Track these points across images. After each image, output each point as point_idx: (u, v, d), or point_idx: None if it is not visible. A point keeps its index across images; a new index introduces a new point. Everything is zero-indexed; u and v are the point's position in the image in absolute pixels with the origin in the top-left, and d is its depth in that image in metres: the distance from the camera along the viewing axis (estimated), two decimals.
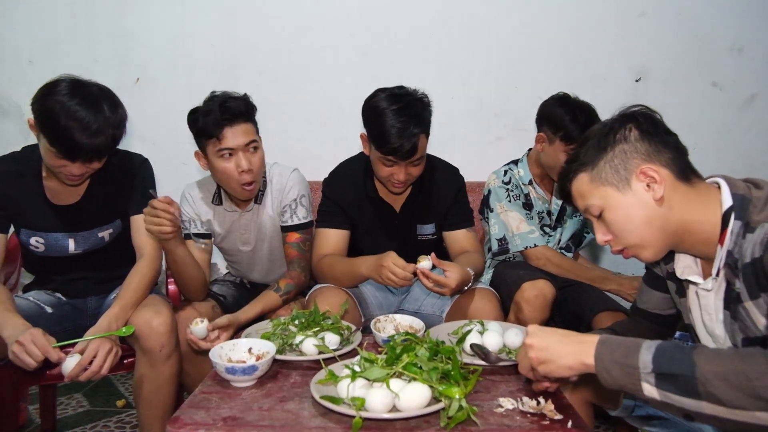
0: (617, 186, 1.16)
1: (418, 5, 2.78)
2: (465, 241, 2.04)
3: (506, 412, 1.20)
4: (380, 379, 1.19)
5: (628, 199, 1.15)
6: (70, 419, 2.38)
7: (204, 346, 1.61)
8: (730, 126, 2.88)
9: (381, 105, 1.81)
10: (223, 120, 1.80)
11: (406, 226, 2.05)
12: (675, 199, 1.13)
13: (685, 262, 1.23)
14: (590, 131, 1.25)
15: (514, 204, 2.20)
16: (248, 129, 1.86)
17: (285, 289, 1.93)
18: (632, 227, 1.15)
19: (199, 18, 2.79)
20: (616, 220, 1.17)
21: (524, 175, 2.26)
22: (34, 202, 1.80)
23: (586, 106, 2.07)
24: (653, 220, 1.14)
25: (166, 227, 1.64)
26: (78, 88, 1.62)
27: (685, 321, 1.30)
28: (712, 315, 1.17)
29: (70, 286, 1.93)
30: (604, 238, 1.22)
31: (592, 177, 1.19)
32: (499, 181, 2.23)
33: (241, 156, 1.84)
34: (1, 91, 2.85)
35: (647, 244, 1.16)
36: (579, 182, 1.22)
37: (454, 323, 1.67)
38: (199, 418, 1.19)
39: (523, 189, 2.25)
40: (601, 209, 1.18)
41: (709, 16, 2.80)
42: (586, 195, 1.21)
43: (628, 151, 1.15)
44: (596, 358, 1.05)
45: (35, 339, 1.47)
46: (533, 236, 2.16)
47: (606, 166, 1.17)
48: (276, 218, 2.07)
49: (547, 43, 2.80)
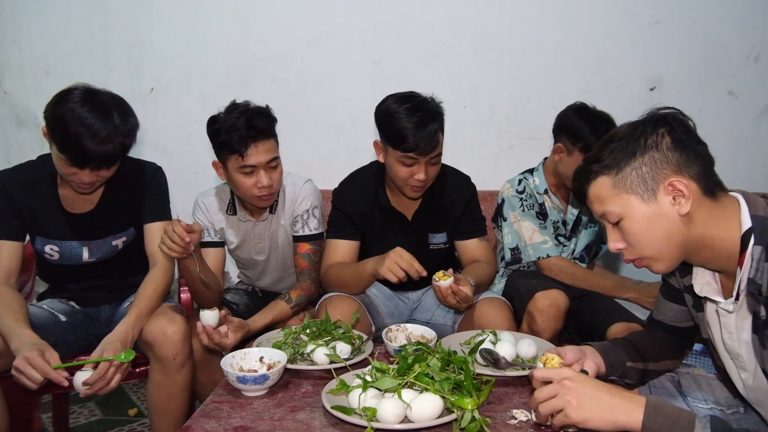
0: (642, 196, 1.09)
1: (429, 14, 2.79)
2: (477, 251, 2.03)
3: (519, 424, 1.19)
4: (392, 389, 1.18)
5: (652, 210, 1.09)
6: (83, 428, 2.39)
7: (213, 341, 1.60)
8: (746, 135, 2.85)
9: (392, 107, 1.81)
10: (248, 137, 1.80)
11: (418, 236, 2.04)
12: (699, 214, 1.08)
13: (704, 278, 1.18)
14: (616, 131, 1.17)
15: (527, 214, 2.19)
16: (271, 146, 1.86)
17: (296, 300, 1.92)
18: (651, 240, 1.10)
19: (212, 28, 2.82)
20: (634, 231, 1.11)
21: (539, 184, 2.24)
22: (49, 210, 1.82)
23: (605, 116, 2.05)
24: (674, 235, 1.09)
25: (174, 253, 1.67)
26: (90, 96, 1.63)
27: (703, 335, 1.26)
28: (733, 334, 1.13)
29: (84, 295, 1.94)
30: (617, 246, 1.16)
31: (615, 182, 1.12)
32: (513, 190, 2.22)
33: (262, 173, 1.85)
34: (19, 100, 2.90)
35: (663, 257, 1.12)
36: (599, 186, 1.15)
37: (467, 333, 1.66)
38: (210, 427, 1.19)
39: (537, 198, 2.23)
40: (620, 217, 1.12)
41: (725, 24, 2.77)
42: (605, 200, 1.14)
43: (659, 160, 1.08)
44: (645, 427, 0.98)
45: (32, 362, 1.44)
46: (546, 246, 2.14)
47: (633, 173, 1.10)
48: (288, 228, 2.07)
49: (560, 51, 2.79)
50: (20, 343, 1.51)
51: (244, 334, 1.70)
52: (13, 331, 1.55)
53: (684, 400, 1.31)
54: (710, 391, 1.31)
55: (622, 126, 1.18)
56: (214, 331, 1.60)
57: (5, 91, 2.90)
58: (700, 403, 1.29)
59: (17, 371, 1.45)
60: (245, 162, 1.82)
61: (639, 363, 1.35)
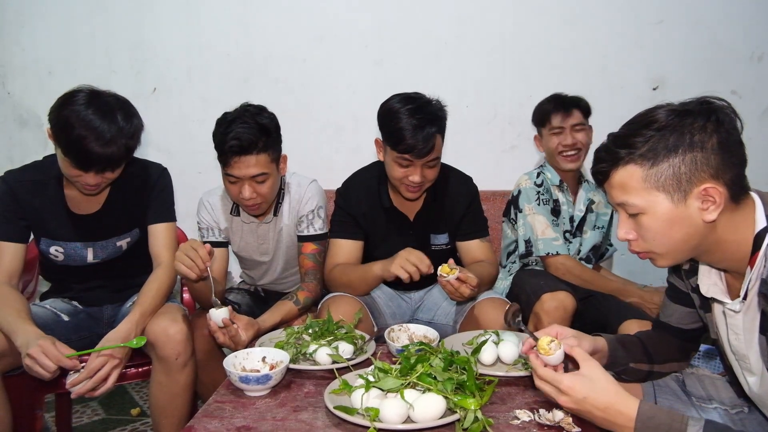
0: (672, 196, 1.02)
1: (431, 14, 2.78)
2: (478, 251, 2.02)
3: (523, 424, 1.19)
4: (394, 389, 1.18)
5: (678, 213, 1.02)
6: (86, 427, 2.40)
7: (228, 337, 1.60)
8: (749, 135, 2.77)
9: (395, 106, 1.81)
10: (230, 151, 1.77)
11: (420, 236, 2.04)
12: (721, 220, 1.03)
13: (710, 280, 1.16)
14: (654, 116, 1.05)
15: (542, 207, 2.19)
16: (259, 160, 1.79)
17: (304, 302, 1.92)
18: (667, 240, 1.06)
19: (214, 29, 2.82)
20: (653, 229, 1.05)
21: (552, 177, 2.26)
22: (55, 211, 1.82)
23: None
24: (692, 238, 1.05)
25: (192, 275, 1.62)
26: (94, 98, 1.64)
27: (712, 336, 1.25)
28: (739, 336, 1.12)
29: (87, 294, 1.95)
30: (627, 236, 1.11)
31: (647, 176, 1.03)
32: (531, 182, 2.22)
33: (246, 186, 1.82)
34: (21, 101, 2.90)
35: (672, 256, 1.09)
36: (627, 174, 1.05)
37: (469, 333, 1.66)
38: (213, 427, 1.19)
39: (552, 193, 2.24)
40: (641, 212, 1.05)
41: (728, 24, 2.77)
42: (630, 191, 1.06)
43: (700, 162, 1.00)
44: None
45: (46, 350, 1.46)
46: (557, 243, 2.14)
47: (669, 171, 1.01)
48: (292, 228, 2.07)
49: (563, 51, 2.79)
50: (26, 338, 1.51)
51: (255, 333, 1.70)
52: (17, 327, 1.56)
53: (689, 400, 1.30)
54: (715, 392, 1.30)
55: (660, 110, 1.06)
56: (228, 325, 1.60)
57: (8, 91, 2.90)
58: (705, 403, 1.29)
59: (31, 360, 1.46)
60: (228, 172, 1.82)
61: (644, 365, 1.34)
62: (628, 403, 1.02)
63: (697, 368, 1.39)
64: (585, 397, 1.04)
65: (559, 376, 1.08)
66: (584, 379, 1.06)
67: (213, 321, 1.60)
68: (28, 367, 1.48)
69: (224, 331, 1.61)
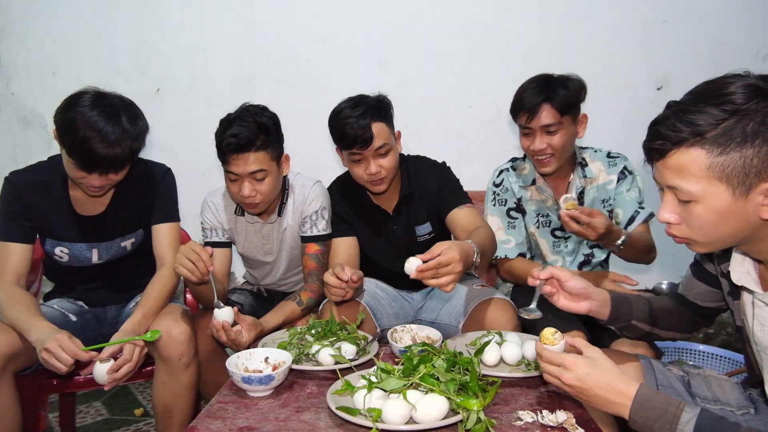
0: (734, 189, 0.92)
1: (435, 14, 2.78)
2: (468, 219, 1.89)
3: (525, 425, 1.18)
4: (397, 390, 1.18)
5: (736, 207, 0.94)
6: (89, 427, 2.40)
7: (229, 338, 1.61)
8: None
9: (339, 107, 1.92)
10: (228, 148, 1.80)
11: (403, 230, 2.07)
12: None
13: (743, 268, 1.10)
14: (727, 95, 0.93)
15: (497, 209, 2.13)
16: (258, 158, 1.82)
17: (307, 303, 1.92)
18: (715, 232, 0.98)
19: (217, 29, 2.82)
20: (704, 219, 0.97)
21: (528, 174, 2.10)
22: (60, 212, 1.82)
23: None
24: (741, 232, 0.98)
25: (193, 277, 1.63)
26: (100, 100, 1.64)
27: (737, 323, 1.21)
28: (765, 327, 1.10)
29: (91, 295, 1.95)
30: (670, 219, 1.02)
31: (712, 164, 0.92)
32: (491, 183, 2.17)
33: (245, 183, 1.84)
34: (26, 102, 2.91)
35: (713, 246, 1.03)
36: (689, 159, 0.94)
37: (472, 334, 1.65)
38: (216, 428, 1.19)
39: (515, 193, 2.11)
40: (695, 199, 0.96)
41: (733, 23, 2.75)
42: (688, 177, 0.95)
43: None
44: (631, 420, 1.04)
45: (62, 344, 1.48)
46: (507, 246, 2.08)
47: (739, 162, 0.90)
48: (296, 228, 2.07)
49: (566, 50, 2.77)
50: (42, 333, 1.53)
51: (258, 333, 1.70)
52: (31, 324, 1.57)
53: (692, 400, 1.30)
54: (721, 393, 1.30)
55: (736, 86, 0.94)
56: (229, 329, 1.61)
57: (12, 92, 2.91)
58: (709, 404, 1.28)
59: (48, 353, 1.47)
60: (228, 169, 1.85)
61: (646, 325, 1.37)
62: (630, 383, 1.06)
63: (702, 369, 1.38)
64: (588, 372, 1.07)
65: (564, 355, 1.13)
66: (588, 359, 1.10)
67: (216, 321, 1.60)
68: (45, 360, 1.49)
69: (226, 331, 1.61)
